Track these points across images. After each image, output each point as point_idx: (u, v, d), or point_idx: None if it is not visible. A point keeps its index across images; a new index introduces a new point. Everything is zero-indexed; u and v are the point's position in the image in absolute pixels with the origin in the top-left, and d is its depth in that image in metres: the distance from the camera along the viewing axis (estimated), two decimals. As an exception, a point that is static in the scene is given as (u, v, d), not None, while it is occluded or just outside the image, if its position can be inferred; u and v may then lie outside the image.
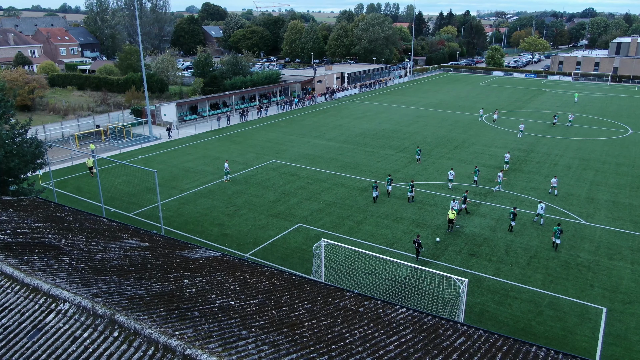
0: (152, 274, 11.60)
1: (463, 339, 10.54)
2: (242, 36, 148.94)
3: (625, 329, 21.34)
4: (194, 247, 15.99)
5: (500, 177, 38.24)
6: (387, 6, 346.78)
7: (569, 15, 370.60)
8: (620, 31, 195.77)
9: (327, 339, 9.06)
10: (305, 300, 11.57)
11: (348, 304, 11.90)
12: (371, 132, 57.59)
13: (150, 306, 9.08)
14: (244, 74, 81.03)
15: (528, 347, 10.67)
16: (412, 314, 11.96)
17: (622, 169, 44.14)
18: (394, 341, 9.65)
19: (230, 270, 13.49)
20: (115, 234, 15.97)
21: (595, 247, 28.89)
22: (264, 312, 10.07)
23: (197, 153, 48.61)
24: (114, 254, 13.06)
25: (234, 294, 11.06)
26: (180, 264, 13.27)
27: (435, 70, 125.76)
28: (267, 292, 11.79)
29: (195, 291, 10.80)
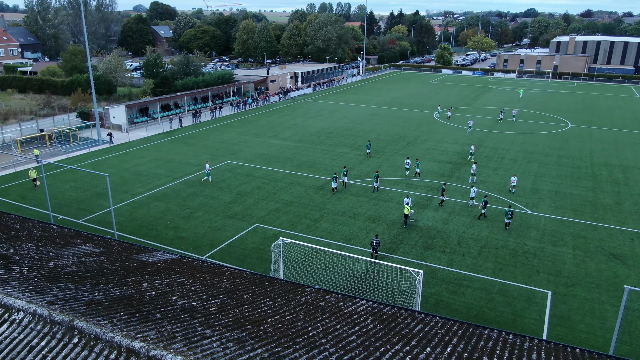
0: (109, 279, 11.42)
1: (421, 326, 10.99)
2: (193, 36, 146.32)
3: (568, 310, 22.68)
4: (151, 251, 15.78)
5: (474, 168, 40.32)
6: (339, 6, 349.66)
7: (513, 15, 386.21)
8: (560, 30, 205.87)
9: (290, 333, 9.26)
10: (267, 298, 11.72)
11: (309, 299, 12.13)
12: (326, 131, 58.11)
13: (110, 311, 8.99)
14: (195, 75, 79.74)
15: (481, 330, 11.26)
16: (372, 305, 12.34)
17: (563, 160, 46.63)
18: (355, 332, 9.96)
19: (189, 271, 13.44)
20: (67, 240, 15.53)
21: (541, 234, 30.47)
22: (226, 311, 10.15)
23: (149, 156, 47.52)
24: (67, 260, 12.74)
25: (195, 295, 11.07)
26: (137, 267, 13.10)
27: (387, 69, 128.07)
28: (229, 291, 11.86)
29: (156, 294, 10.74)
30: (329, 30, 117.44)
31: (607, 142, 53.78)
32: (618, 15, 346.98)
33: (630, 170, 43.64)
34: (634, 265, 26.88)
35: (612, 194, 37.81)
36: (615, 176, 42.05)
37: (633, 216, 33.53)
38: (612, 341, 16.59)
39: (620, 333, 20.82)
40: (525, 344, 10.88)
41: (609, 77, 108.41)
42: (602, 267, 26.64)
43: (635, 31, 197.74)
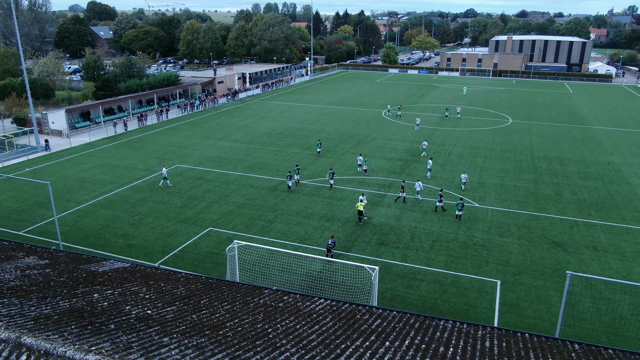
0: (57, 292, 10.89)
1: (379, 321, 11.16)
2: (135, 37, 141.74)
3: (517, 298, 23.72)
4: (100, 260, 15.18)
5: (430, 164, 41.50)
6: (285, 6, 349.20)
7: (453, 15, 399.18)
8: (498, 30, 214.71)
9: (250, 336, 9.17)
10: (224, 302, 11.54)
11: (268, 300, 12.05)
12: (276, 132, 57.88)
13: (59, 324, 8.57)
14: (139, 77, 77.28)
15: (437, 322, 11.57)
16: (330, 303, 12.41)
17: (506, 154, 48.69)
18: (315, 330, 9.98)
19: (143, 279, 13.03)
20: (8, 253, 14.67)
21: (488, 226, 31.68)
22: (183, 318, 9.92)
23: (93, 162, 45.64)
24: (9, 275, 12.03)
25: (150, 303, 10.74)
26: (87, 278, 12.56)
27: (335, 69, 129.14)
28: (185, 297, 11.59)
29: (108, 304, 10.33)
30: (275, 31, 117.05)
31: (545, 136, 56.64)
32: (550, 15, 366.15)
33: (567, 162, 46.15)
34: (574, 251, 28.44)
35: (551, 185, 39.85)
36: (554, 168, 44.34)
37: (571, 205, 35.48)
38: (557, 325, 17.48)
39: (565, 317, 21.98)
40: (479, 332, 11.27)
41: (544, 74, 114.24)
42: (545, 254, 28.03)
43: (567, 31, 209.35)
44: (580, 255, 27.97)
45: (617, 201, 36.43)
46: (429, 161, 41.97)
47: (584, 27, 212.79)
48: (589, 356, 10.22)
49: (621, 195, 37.58)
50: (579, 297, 23.63)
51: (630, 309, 22.75)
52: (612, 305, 23.15)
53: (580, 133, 58.82)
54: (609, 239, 30.16)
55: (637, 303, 23.24)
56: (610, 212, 34.35)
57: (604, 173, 43.06)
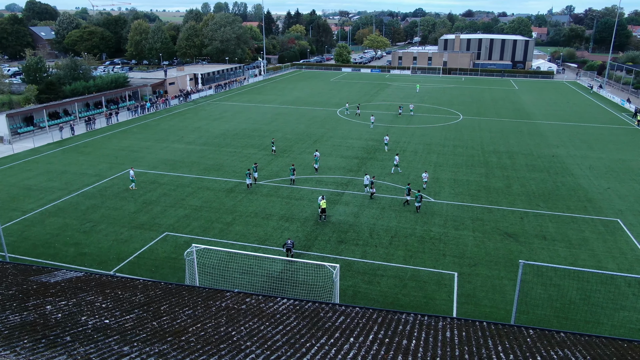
0: (5, 306, 10.32)
1: (343, 318, 11.23)
2: (79, 37, 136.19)
3: (473, 289, 24.46)
4: (52, 271, 14.51)
5: (397, 159, 42.30)
6: (235, 5, 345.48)
7: (403, 14, 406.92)
8: (446, 29, 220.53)
9: (214, 340, 9.01)
10: (185, 307, 11.29)
11: (230, 303, 11.88)
12: (231, 133, 57.18)
13: (11, 339, 8.13)
14: (85, 79, 74.38)
15: (399, 315, 11.76)
16: (293, 303, 12.37)
17: (458, 150, 50.11)
18: (279, 331, 9.93)
19: (98, 288, 12.55)
20: (-52, 268, 13.79)
21: (444, 220, 32.50)
22: (143, 325, 9.63)
23: (39, 169, 43.56)
24: (-49, 290, 11.31)
25: (107, 312, 10.36)
26: (38, 290, 11.97)
27: (288, 68, 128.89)
28: (144, 304, 11.25)
29: (62, 316, 9.89)
30: (227, 31, 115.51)
31: (495, 132, 58.71)
32: (495, 15, 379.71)
33: (516, 156, 48.02)
34: (525, 241, 29.62)
35: (502, 178, 41.34)
36: (503, 162, 46.02)
37: (521, 197, 36.93)
38: (512, 312, 18.16)
39: (519, 304, 22.89)
40: (439, 323, 11.54)
41: (491, 71, 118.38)
42: (498, 245, 29.05)
43: (510, 30, 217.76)
44: (530, 245, 29.16)
45: (562, 192, 38.22)
46: (396, 157, 42.81)
47: (527, 26, 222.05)
48: (543, 340, 10.67)
49: (566, 186, 39.46)
50: (531, 285, 24.63)
51: (578, 293, 23.92)
52: (562, 290, 24.28)
53: (526, 128, 61.32)
54: (557, 228, 31.60)
55: (584, 288, 24.47)
56: (556, 202, 35.99)
57: (550, 165, 45.08)
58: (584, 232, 31.12)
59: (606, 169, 44.09)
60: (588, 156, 48.45)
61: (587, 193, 37.98)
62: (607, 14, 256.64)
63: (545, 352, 9.76)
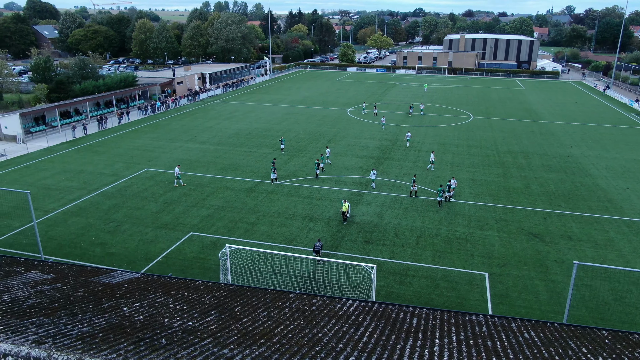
0: (83, 308, 10.27)
1: (416, 319, 11.19)
2: (84, 36, 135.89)
3: (506, 289, 24.45)
4: (107, 272, 14.45)
5: (432, 157, 43.36)
6: (236, 5, 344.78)
7: (403, 14, 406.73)
8: (448, 29, 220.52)
9: (305, 342, 8.97)
10: (258, 308, 11.25)
11: (298, 304, 11.84)
12: (244, 132, 57.07)
13: (110, 342, 8.08)
14: (95, 78, 74.17)
15: (469, 316, 11.72)
16: (360, 303, 12.34)
17: (472, 150, 50.10)
18: (363, 332, 9.89)
19: (162, 290, 12.50)
20: (5, 269, 13.71)
21: (467, 221, 32.48)
22: (228, 327, 9.58)
23: (55, 168, 43.43)
24: (22, 292, 11.25)
25: (185, 314, 10.31)
26: (105, 291, 11.92)
27: (293, 68, 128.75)
28: (217, 306, 11.20)
29: (144, 318, 9.84)
30: (232, 30, 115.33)
31: (506, 132, 58.72)
32: (494, 14, 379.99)
33: (531, 156, 48.03)
34: (551, 241, 29.62)
35: (519, 178, 41.34)
36: (519, 162, 46.03)
37: (541, 197, 36.94)
38: (564, 312, 18.16)
39: (554, 304, 22.95)
40: (512, 324, 11.51)
41: (497, 71, 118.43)
42: (525, 246, 29.04)
43: (512, 30, 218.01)
44: (557, 245, 29.16)
45: (582, 192, 38.24)
46: (431, 154, 43.91)
47: (528, 26, 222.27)
48: (621, 341, 10.64)
49: (585, 187, 39.49)
50: (563, 285, 24.63)
51: (610, 294, 23.93)
52: (593, 291, 24.29)
53: (537, 128, 61.35)
54: (581, 228, 31.62)
55: (616, 288, 24.48)
56: (577, 202, 36.01)
57: (566, 165, 45.11)
58: (608, 232, 31.14)
59: (622, 170, 44.14)
60: (603, 156, 48.49)
61: (607, 193, 38.01)
62: (608, 14, 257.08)
63: (631, 355, 9.73)
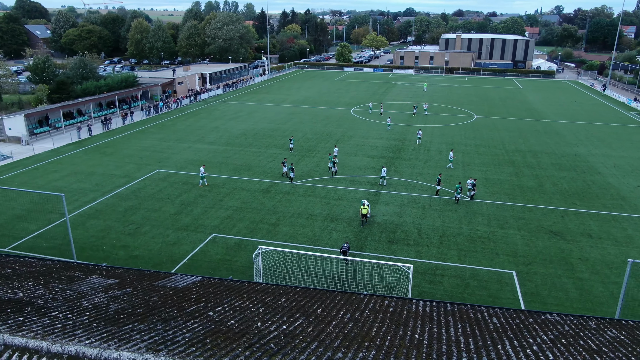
0: (169, 314, 10.16)
1: (495, 319, 11.21)
2: (78, 36, 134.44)
3: (535, 287, 24.61)
4: (165, 276, 14.30)
5: (452, 155, 44.00)
6: (226, 4, 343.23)
7: (394, 14, 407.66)
8: (441, 29, 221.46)
9: (408, 344, 8.95)
10: (340, 310, 11.20)
11: (376, 306, 11.82)
12: (251, 132, 56.86)
13: (224, 348, 8.00)
14: (95, 78, 73.41)
15: (546, 316, 11.76)
16: (431, 304, 12.36)
17: (481, 149, 50.39)
18: (460, 334, 9.89)
19: (233, 293, 12.41)
20: (65, 274, 13.53)
21: (487, 220, 32.65)
22: (324, 330, 9.53)
23: (65, 170, 42.91)
24: (97, 298, 11.10)
25: (273, 318, 10.24)
26: (179, 296, 11.81)
27: (290, 68, 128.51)
28: (298, 308, 11.14)
29: (236, 322, 9.76)
30: (230, 29, 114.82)
31: (512, 131, 59.13)
32: (484, 14, 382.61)
33: (540, 155, 48.42)
34: (572, 239, 29.88)
35: (532, 177, 41.65)
36: (529, 161, 46.38)
37: (556, 195, 37.26)
38: (617, 309, 18.32)
39: (585, 302, 23.16)
40: (589, 322, 11.58)
41: (493, 70, 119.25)
42: (547, 244, 29.26)
43: (504, 29, 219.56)
44: (578, 243, 29.43)
45: (594, 190, 38.63)
46: (450, 152, 44.60)
47: (520, 26, 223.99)
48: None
49: (597, 185, 39.90)
50: (592, 283, 24.88)
51: (639, 290, 24.21)
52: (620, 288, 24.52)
53: (541, 127, 61.86)
54: (599, 226, 31.94)
55: (643, 285, 24.76)
56: (592, 200, 36.37)
57: (575, 164, 45.54)
58: (626, 230, 31.49)
59: (631, 168, 44.66)
60: (610, 155, 49.03)
61: (619, 191, 38.44)
62: (597, 13, 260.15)
63: None
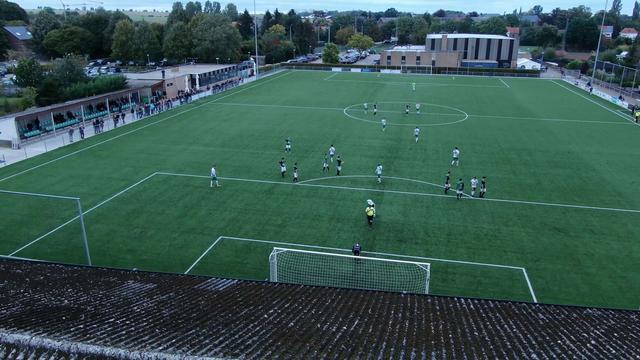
0: (225, 317, 10.10)
1: (540, 315, 11.38)
2: (60, 38, 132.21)
3: (546, 283, 25.00)
4: (201, 279, 14.20)
5: (457, 152, 44.70)
6: (208, 5, 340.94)
7: (376, 14, 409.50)
8: (424, 29, 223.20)
9: (471, 341, 9.04)
10: (389, 309, 11.26)
11: (422, 304, 11.91)
12: (246, 134, 56.59)
13: (298, 351, 8.00)
14: (83, 80, 72.27)
15: (587, 311, 11.98)
16: (473, 301, 12.49)
17: (477, 148, 50.96)
18: (511, 329, 10.02)
19: (278, 295, 12.38)
20: (101, 279, 13.34)
21: (491, 217, 33.05)
22: (385, 330, 9.58)
23: (61, 174, 42.17)
24: (145, 303, 10.98)
25: (330, 319, 10.25)
26: (225, 299, 11.74)
27: (278, 68, 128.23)
28: (349, 309, 11.17)
29: (295, 324, 9.75)
30: (217, 30, 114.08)
31: (505, 129, 59.92)
32: (465, 14, 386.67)
33: (534, 153, 49.17)
34: (575, 235, 30.42)
35: (529, 175, 42.27)
36: (524, 159, 47.07)
37: (555, 193, 37.88)
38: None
39: (594, 296, 23.58)
40: (632, 316, 11.81)
41: (479, 70, 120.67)
42: (552, 240, 29.74)
43: (486, 29, 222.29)
44: (582, 239, 29.97)
45: (591, 187, 39.39)
46: (455, 150, 45.04)
47: (502, 25, 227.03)
48: None
49: (593, 181, 40.68)
50: (600, 278, 25.37)
51: (646, 284, 24.78)
52: (629, 282, 25.08)
53: (532, 125, 62.82)
54: (600, 222, 32.57)
55: (649, 279, 25.32)
56: (590, 197, 37.07)
57: (570, 162, 46.36)
58: (627, 225, 32.17)
59: (624, 164, 45.64)
60: (602, 152, 50.02)
61: (615, 188, 39.25)
62: (576, 13, 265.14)
63: None
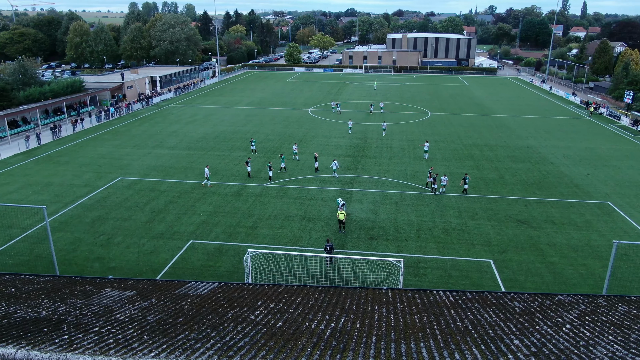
0: (213, 321, 10.06)
1: (516, 302, 11.84)
2: (9, 39, 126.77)
3: (512, 273, 25.90)
4: (182, 284, 14.02)
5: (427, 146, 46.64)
6: (165, 5, 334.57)
7: (336, 14, 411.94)
8: (384, 29, 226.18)
9: (461, 331, 9.34)
10: (372, 305, 11.46)
11: (403, 298, 12.17)
12: (211, 136, 55.92)
13: (292, 350, 8.07)
14: (38, 84, 69.57)
15: (559, 297, 12.54)
16: (453, 293, 12.86)
17: (440, 145, 52.13)
18: (497, 318, 10.39)
19: (261, 296, 12.39)
20: (76, 289, 12.99)
21: (458, 212, 33.92)
22: (372, 325, 9.77)
23: (18, 182, 40.51)
24: (128, 310, 10.79)
25: (316, 317, 10.35)
26: (209, 302, 11.66)
27: (240, 69, 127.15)
28: (334, 306, 11.29)
29: (284, 324, 9.80)
30: (177, 31, 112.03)
31: (466, 126, 61.52)
32: (423, 14, 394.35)
33: (495, 148, 50.73)
34: (538, 226, 31.62)
35: (492, 169, 43.60)
36: (486, 154, 48.50)
37: (517, 186, 39.23)
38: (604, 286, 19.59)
39: (558, 284, 24.62)
40: (599, 300, 12.45)
41: (439, 69, 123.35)
42: (516, 232, 30.81)
43: (443, 29, 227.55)
44: (544, 230, 31.19)
45: (550, 179, 41.01)
46: (426, 143, 46.66)
47: (458, 25, 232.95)
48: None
49: (551, 175, 42.35)
50: (562, 266, 26.48)
51: (603, 271, 25.99)
52: (590, 269, 26.31)
53: (492, 121, 64.78)
54: (560, 212, 33.98)
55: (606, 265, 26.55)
56: (550, 189, 38.60)
57: (529, 156, 48.10)
58: (584, 215, 33.69)
59: (579, 157, 47.71)
60: (558, 146, 52.12)
61: (572, 180, 41.01)
62: (528, 13, 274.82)
63: None
